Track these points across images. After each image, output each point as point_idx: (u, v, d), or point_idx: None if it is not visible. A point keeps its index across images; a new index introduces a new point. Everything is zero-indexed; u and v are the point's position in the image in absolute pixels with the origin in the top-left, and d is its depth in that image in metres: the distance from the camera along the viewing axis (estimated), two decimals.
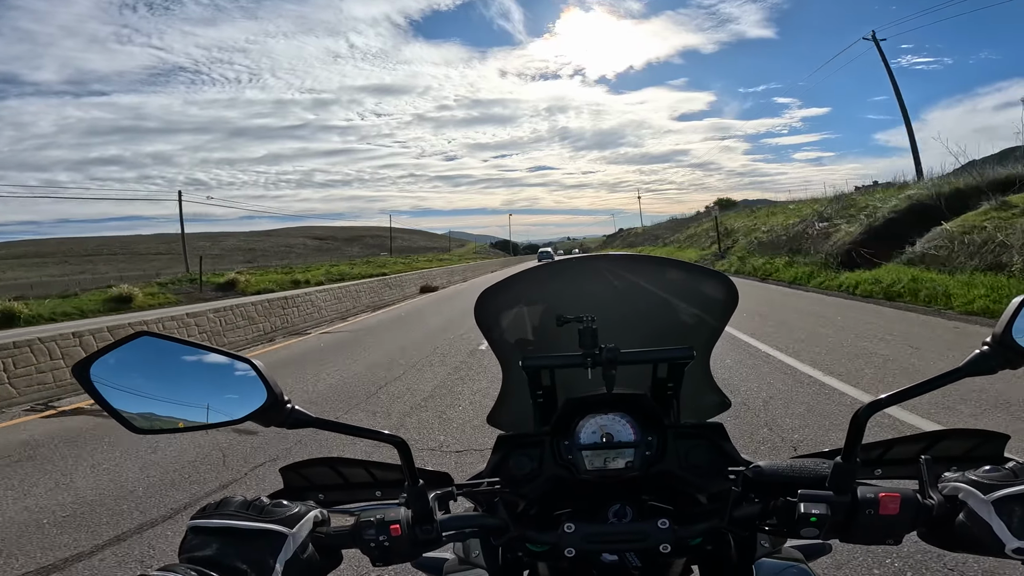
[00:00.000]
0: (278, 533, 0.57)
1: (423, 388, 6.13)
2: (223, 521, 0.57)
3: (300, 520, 0.59)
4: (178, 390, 0.61)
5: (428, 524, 0.64)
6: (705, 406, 0.92)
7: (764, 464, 0.66)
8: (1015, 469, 0.55)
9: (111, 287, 20.47)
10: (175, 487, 3.69)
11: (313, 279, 28.35)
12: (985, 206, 12.31)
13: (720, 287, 0.87)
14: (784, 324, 8.77)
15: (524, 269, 0.93)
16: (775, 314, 9.98)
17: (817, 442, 3.73)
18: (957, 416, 3.98)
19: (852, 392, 4.83)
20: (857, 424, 0.59)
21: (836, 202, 19.92)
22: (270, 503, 0.60)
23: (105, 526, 3.17)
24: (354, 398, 5.96)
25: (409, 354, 8.37)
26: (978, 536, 0.53)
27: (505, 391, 0.92)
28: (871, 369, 5.59)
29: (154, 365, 0.61)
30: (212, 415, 0.61)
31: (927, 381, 0.58)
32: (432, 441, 4.35)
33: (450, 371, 6.91)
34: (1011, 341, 0.55)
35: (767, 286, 16.28)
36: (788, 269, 17.26)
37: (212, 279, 25.16)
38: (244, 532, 0.56)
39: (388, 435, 0.65)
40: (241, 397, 0.61)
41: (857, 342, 6.95)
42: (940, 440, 0.74)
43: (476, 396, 5.60)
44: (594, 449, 0.75)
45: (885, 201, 16.46)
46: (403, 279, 24.26)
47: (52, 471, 4.23)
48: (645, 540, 0.66)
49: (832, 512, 0.57)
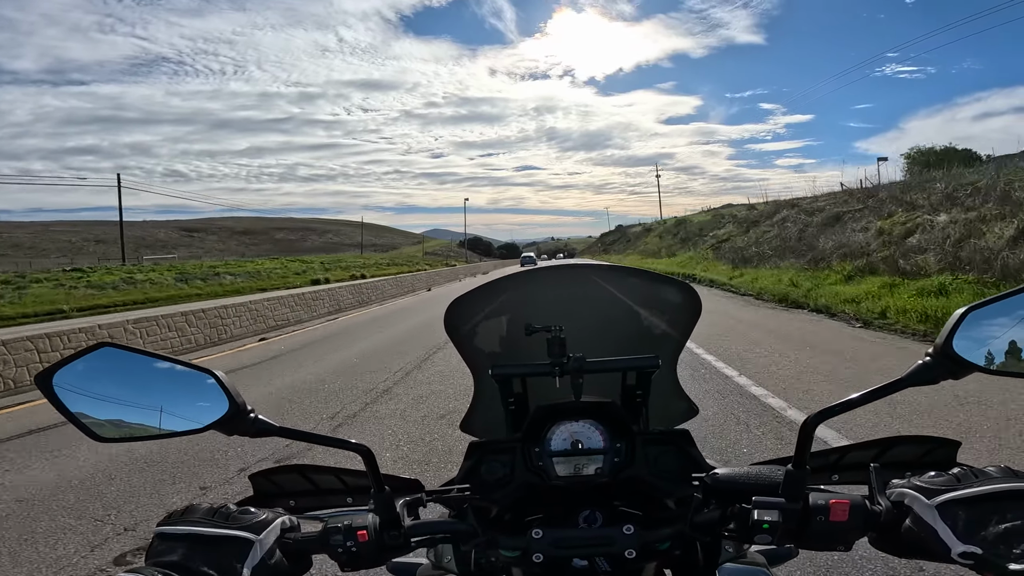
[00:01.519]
0: (245, 539, 0.57)
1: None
2: (189, 528, 0.57)
3: (267, 527, 0.59)
4: (140, 399, 0.61)
5: (395, 530, 0.64)
6: (673, 413, 0.94)
7: (721, 471, 0.67)
8: (959, 475, 0.55)
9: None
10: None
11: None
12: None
13: (682, 296, 0.89)
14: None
15: (493, 279, 0.93)
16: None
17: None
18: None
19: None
20: (806, 432, 0.60)
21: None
22: (236, 510, 0.60)
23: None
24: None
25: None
26: (924, 541, 0.53)
27: (477, 398, 0.93)
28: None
29: (116, 375, 0.61)
30: (175, 423, 0.61)
31: (872, 391, 0.59)
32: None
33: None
34: (952, 352, 0.56)
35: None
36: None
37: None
38: (210, 539, 0.57)
39: (352, 443, 0.66)
40: (203, 407, 0.61)
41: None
42: (893, 446, 0.76)
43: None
44: (564, 456, 0.76)
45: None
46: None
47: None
48: (611, 545, 0.67)
49: (784, 519, 0.58)
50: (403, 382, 6.65)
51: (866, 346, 7.46)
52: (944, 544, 0.51)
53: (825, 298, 11.39)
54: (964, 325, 0.56)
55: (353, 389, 6.46)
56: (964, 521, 0.52)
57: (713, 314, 11.10)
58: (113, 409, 0.61)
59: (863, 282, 11.83)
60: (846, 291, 11.39)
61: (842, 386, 5.35)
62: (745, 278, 17.99)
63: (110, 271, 31.46)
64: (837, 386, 5.38)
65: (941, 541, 0.52)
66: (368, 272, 41.76)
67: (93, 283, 26.07)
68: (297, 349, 10.20)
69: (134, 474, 4.01)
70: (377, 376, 7.07)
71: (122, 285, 26.39)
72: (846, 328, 9.08)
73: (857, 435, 3.69)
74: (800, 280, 14.38)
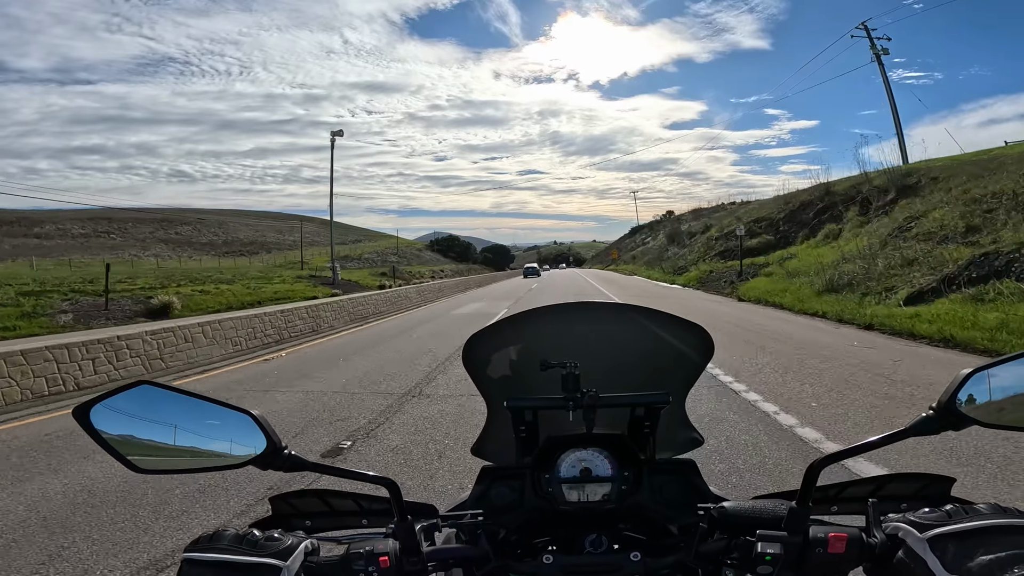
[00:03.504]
0: (272, 567, 0.60)
1: None
2: (218, 555, 0.59)
3: (292, 552, 0.62)
4: (179, 435, 0.64)
5: (415, 556, 0.67)
6: (679, 442, 0.97)
7: (728, 504, 0.71)
8: (951, 511, 0.60)
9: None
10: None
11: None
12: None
13: (696, 337, 0.91)
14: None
15: (509, 315, 0.94)
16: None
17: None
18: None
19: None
20: (811, 474, 0.65)
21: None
22: (262, 536, 0.63)
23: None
24: None
25: None
26: (915, 572, 0.57)
27: (489, 425, 0.96)
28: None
29: (154, 411, 0.64)
30: (212, 459, 0.64)
31: (877, 439, 0.65)
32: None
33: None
34: (954, 408, 0.62)
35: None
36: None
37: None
38: (239, 566, 0.59)
39: (379, 477, 0.69)
40: (240, 443, 0.64)
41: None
42: (890, 482, 0.80)
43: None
44: (573, 483, 0.79)
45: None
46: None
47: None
48: (619, 571, 0.69)
49: (785, 551, 0.63)
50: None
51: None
52: (932, 575, 0.55)
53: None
54: (968, 384, 0.63)
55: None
56: (952, 554, 0.56)
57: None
58: (151, 443, 0.63)
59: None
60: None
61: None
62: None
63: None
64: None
65: (930, 571, 0.56)
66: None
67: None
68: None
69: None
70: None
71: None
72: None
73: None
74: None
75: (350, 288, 27.34)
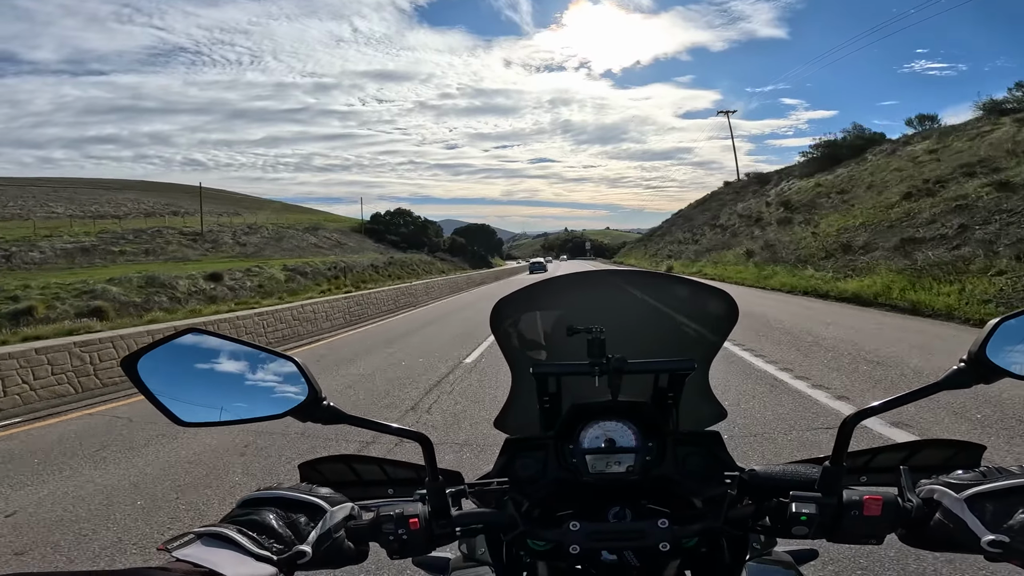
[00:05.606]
0: (319, 507, 0.63)
1: None
2: (272, 492, 0.64)
3: (339, 504, 0.65)
4: (223, 385, 0.65)
5: (445, 519, 0.68)
6: (703, 415, 0.96)
7: (759, 468, 0.71)
8: (985, 471, 0.60)
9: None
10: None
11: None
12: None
13: (721, 303, 0.91)
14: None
15: (537, 281, 0.95)
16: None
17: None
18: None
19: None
20: (845, 431, 0.64)
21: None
22: (314, 487, 0.67)
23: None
24: None
25: None
26: (953, 532, 0.57)
27: (513, 395, 0.96)
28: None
29: (200, 360, 0.65)
30: (255, 410, 0.65)
31: (909, 393, 0.63)
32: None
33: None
34: (985, 359, 0.61)
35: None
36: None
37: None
38: (289, 501, 0.63)
39: (412, 431, 0.69)
40: (282, 393, 0.65)
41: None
42: (920, 450, 0.79)
43: None
44: (596, 453, 0.80)
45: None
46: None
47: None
48: (646, 538, 0.70)
49: (820, 512, 0.62)
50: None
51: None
52: (972, 534, 0.55)
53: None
54: (997, 334, 0.61)
55: None
56: (992, 512, 0.56)
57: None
58: (195, 394, 0.64)
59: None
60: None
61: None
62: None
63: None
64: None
65: (970, 532, 0.56)
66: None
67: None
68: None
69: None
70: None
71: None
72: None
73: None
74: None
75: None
